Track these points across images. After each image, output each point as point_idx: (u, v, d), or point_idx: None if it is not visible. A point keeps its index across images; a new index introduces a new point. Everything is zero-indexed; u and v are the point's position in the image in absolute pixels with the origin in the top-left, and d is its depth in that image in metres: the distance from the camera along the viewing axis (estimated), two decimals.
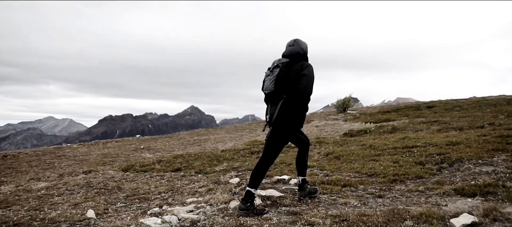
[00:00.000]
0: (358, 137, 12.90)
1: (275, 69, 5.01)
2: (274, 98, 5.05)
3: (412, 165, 7.04)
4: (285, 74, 4.94)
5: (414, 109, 20.55)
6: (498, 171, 6.04)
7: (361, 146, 9.86)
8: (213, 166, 9.18)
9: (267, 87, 5.06)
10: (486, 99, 21.61)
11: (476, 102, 20.52)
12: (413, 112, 19.31)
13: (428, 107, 20.89)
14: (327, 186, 5.92)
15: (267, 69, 5.17)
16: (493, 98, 22.42)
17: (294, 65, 5.00)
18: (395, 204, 4.92)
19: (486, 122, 12.55)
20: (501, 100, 19.68)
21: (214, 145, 14.07)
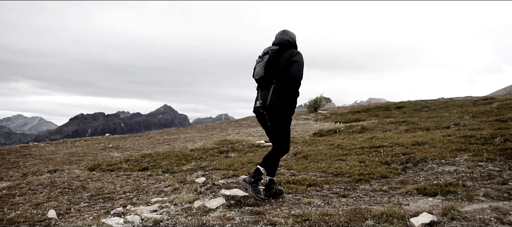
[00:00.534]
0: (327, 136, 12.98)
1: (265, 56, 5.20)
2: (264, 83, 5.22)
3: (378, 165, 7.12)
4: (275, 60, 5.11)
5: (384, 110, 20.82)
6: (460, 170, 6.15)
7: (329, 145, 9.92)
8: (181, 165, 9.11)
9: (258, 73, 5.24)
10: (453, 100, 22.04)
11: (443, 103, 20.91)
12: (383, 113, 19.55)
13: (397, 107, 21.19)
14: (293, 186, 5.93)
15: (258, 57, 5.35)
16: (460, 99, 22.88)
17: (284, 52, 5.19)
18: (358, 203, 4.96)
19: (452, 122, 12.79)
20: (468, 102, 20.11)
21: (184, 144, 13.97)
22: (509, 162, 6.38)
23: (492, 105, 17.10)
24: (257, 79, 5.30)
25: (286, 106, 5.18)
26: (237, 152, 10.62)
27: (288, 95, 5.17)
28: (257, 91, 5.40)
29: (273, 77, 5.15)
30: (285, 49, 5.23)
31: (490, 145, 7.63)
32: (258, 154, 9.90)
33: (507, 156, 6.71)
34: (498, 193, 4.85)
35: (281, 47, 5.24)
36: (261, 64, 5.22)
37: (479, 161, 6.60)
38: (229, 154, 10.45)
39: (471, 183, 5.40)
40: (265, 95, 5.15)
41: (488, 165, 6.30)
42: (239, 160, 8.87)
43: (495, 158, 6.67)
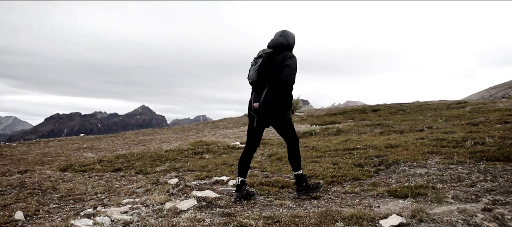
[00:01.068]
0: (303, 138, 13.01)
1: (259, 59, 5.27)
2: (257, 87, 5.31)
3: (351, 167, 7.16)
4: (267, 65, 5.19)
5: (360, 113, 20.97)
6: (430, 173, 6.23)
7: (304, 147, 9.94)
8: (155, 166, 9.03)
9: (251, 76, 5.32)
10: (428, 104, 22.31)
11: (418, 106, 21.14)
12: (359, 115, 19.69)
13: (373, 110, 21.36)
14: (265, 187, 5.93)
15: (253, 59, 5.40)
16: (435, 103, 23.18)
17: (277, 55, 5.23)
18: (330, 205, 4.97)
19: (425, 125, 12.94)
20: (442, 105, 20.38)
21: (159, 145, 13.86)
22: (478, 165, 6.48)
23: (465, 109, 17.36)
24: (251, 82, 5.38)
25: (281, 104, 5.27)
26: (212, 153, 10.58)
27: (281, 96, 5.24)
28: (251, 94, 5.48)
29: (266, 81, 5.23)
30: (279, 52, 5.27)
31: (461, 148, 7.75)
32: (233, 155, 9.87)
33: (477, 158, 6.83)
34: (466, 195, 4.92)
35: (275, 50, 5.29)
36: (254, 67, 5.28)
37: (450, 163, 6.69)
38: (204, 155, 10.40)
39: (441, 186, 5.48)
40: (258, 99, 5.25)
41: (458, 168, 6.39)
42: (214, 161, 8.84)
43: (465, 161, 6.77)
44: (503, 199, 4.63)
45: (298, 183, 5.52)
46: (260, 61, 5.24)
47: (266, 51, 5.32)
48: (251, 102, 5.39)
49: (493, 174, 5.84)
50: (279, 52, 5.27)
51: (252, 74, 5.29)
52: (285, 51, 5.30)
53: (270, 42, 5.41)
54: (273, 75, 5.20)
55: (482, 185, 5.37)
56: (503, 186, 5.22)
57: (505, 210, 4.15)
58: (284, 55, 5.23)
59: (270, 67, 5.20)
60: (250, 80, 5.38)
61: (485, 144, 7.91)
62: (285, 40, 5.35)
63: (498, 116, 12.78)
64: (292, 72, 5.15)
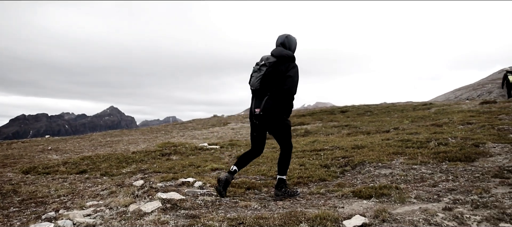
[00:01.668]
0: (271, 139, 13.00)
1: (263, 68, 5.36)
2: (259, 94, 5.44)
3: (318, 168, 7.20)
4: (271, 74, 5.30)
5: (328, 114, 21.13)
6: (395, 173, 6.32)
7: (271, 148, 9.97)
8: (121, 168, 8.89)
9: (253, 84, 5.43)
10: (395, 105, 22.65)
11: (386, 108, 21.44)
12: (327, 117, 19.83)
13: (341, 112, 21.56)
14: (231, 189, 5.88)
15: (255, 65, 5.51)
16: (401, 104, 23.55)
17: (281, 65, 5.33)
18: (295, 206, 4.97)
19: (392, 126, 13.14)
20: (408, 107, 20.71)
21: (126, 146, 13.68)
22: (441, 165, 6.61)
23: (430, 111, 17.69)
24: (253, 90, 5.51)
25: (281, 111, 5.42)
26: (179, 155, 10.48)
27: (282, 104, 5.39)
28: (251, 100, 5.63)
29: (268, 89, 5.36)
30: (282, 62, 5.36)
31: (425, 149, 7.89)
32: (200, 157, 9.80)
33: (440, 159, 6.97)
34: (428, 195, 5.01)
35: (279, 60, 5.36)
36: (257, 76, 5.38)
37: (414, 164, 6.80)
38: (171, 156, 10.30)
39: (405, 186, 5.56)
40: (259, 104, 5.40)
41: (422, 168, 6.51)
42: (181, 163, 8.76)
43: (428, 161, 6.90)
44: (463, 198, 4.73)
45: (278, 187, 5.53)
46: (264, 70, 5.34)
47: (270, 60, 5.38)
48: (252, 108, 5.53)
49: (454, 174, 5.96)
50: (282, 63, 5.37)
51: (255, 82, 5.39)
52: (288, 62, 5.40)
53: (275, 51, 5.50)
54: (275, 84, 5.33)
55: (444, 184, 5.48)
56: (464, 185, 5.33)
57: (464, 209, 4.23)
58: (287, 65, 5.35)
59: (273, 77, 5.32)
60: (252, 88, 5.49)
61: (448, 145, 8.08)
62: (289, 52, 5.47)
63: (461, 117, 13.06)
64: (294, 83, 5.32)
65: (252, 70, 5.55)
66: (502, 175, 5.68)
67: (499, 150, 7.43)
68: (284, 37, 5.59)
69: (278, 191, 5.50)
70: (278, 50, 5.46)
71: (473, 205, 4.40)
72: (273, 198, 5.48)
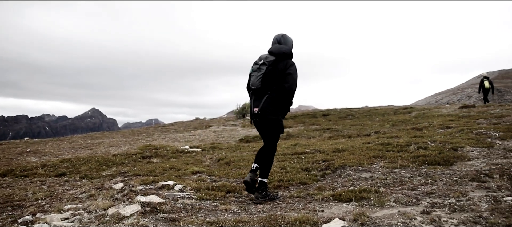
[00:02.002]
0: (252, 143, 13.05)
1: (262, 67, 5.43)
2: (259, 93, 5.50)
3: (298, 171, 7.21)
4: (271, 73, 5.36)
5: (310, 117, 21.23)
6: (375, 177, 6.36)
7: (253, 151, 9.97)
8: (101, 170, 8.80)
9: (254, 83, 5.50)
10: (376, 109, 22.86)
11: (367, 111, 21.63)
12: (309, 120, 19.93)
13: (323, 115, 21.68)
14: (211, 192, 5.86)
15: (254, 64, 5.59)
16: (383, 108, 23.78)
17: (279, 63, 5.41)
18: (275, 210, 4.98)
19: (373, 130, 13.24)
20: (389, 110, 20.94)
21: (107, 149, 13.56)
22: (420, 169, 6.68)
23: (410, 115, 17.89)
24: (254, 89, 5.55)
25: (279, 111, 5.53)
26: (160, 158, 10.43)
27: (281, 103, 5.49)
28: (250, 98, 5.71)
29: (268, 88, 5.42)
30: (281, 60, 5.44)
31: (405, 152, 7.96)
32: (181, 160, 9.76)
33: (419, 163, 7.03)
34: (407, 198, 5.05)
35: (277, 58, 5.44)
36: (258, 75, 5.45)
37: (394, 167, 6.86)
38: (152, 159, 10.24)
39: (384, 189, 5.60)
40: (258, 104, 5.47)
41: (401, 172, 6.56)
42: (161, 166, 8.70)
43: (408, 165, 6.96)
44: (441, 201, 4.77)
45: (259, 190, 5.54)
46: (264, 69, 5.40)
47: (269, 59, 5.45)
48: (252, 107, 5.62)
49: (433, 178, 6.02)
50: (281, 60, 5.44)
51: (256, 82, 5.46)
52: (287, 59, 5.49)
53: (272, 48, 5.55)
54: (275, 82, 5.41)
55: (422, 188, 5.53)
56: (442, 189, 5.38)
57: (442, 213, 4.27)
58: (285, 63, 5.43)
59: (273, 75, 5.38)
60: (253, 87, 5.55)
61: (427, 148, 8.16)
62: (287, 48, 5.56)
63: (441, 121, 13.24)
64: (294, 80, 5.41)
65: (251, 70, 5.63)
66: (479, 178, 5.75)
67: (477, 154, 7.53)
68: (280, 36, 5.68)
69: (258, 194, 5.49)
70: (277, 47, 5.54)
71: (450, 208, 4.44)
72: (253, 201, 5.47)
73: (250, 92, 5.77)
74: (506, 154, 7.34)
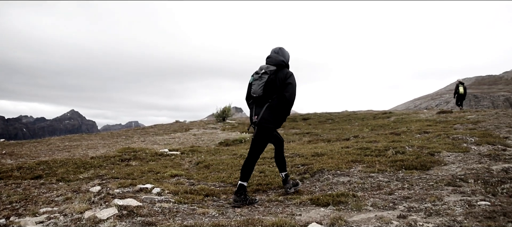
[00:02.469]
0: (232, 146, 13.04)
1: (264, 76, 5.64)
2: (260, 101, 5.71)
3: (277, 175, 7.22)
4: (273, 82, 5.58)
5: (290, 121, 21.28)
6: (353, 181, 6.41)
7: (232, 155, 9.96)
8: (78, 173, 8.68)
9: (255, 91, 5.68)
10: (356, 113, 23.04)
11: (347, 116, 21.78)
12: (289, 124, 19.97)
13: (303, 119, 21.76)
14: (190, 196, 5.84)
15: (255, 74, 5.81)
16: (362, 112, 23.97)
17: (279, 73, 5.66)
18: (253, 214, 4.98)
19: (352, 134, 13.33)
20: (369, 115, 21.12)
21: (85, 151, 13.38)
22: (398, 173, 6.75)
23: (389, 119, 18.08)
24: (255, 97, 5.73)
25: (276, 121, 5.73)
26: (139, 160, 10.34)
27: (280, 113, 5.69)
28: (250, 107, 5.92)
29: (269, 96, 5.63)
30: (280, 69, 5.69)
31: (383, 157, 8.03)
32: (160, 163, 9.69)
33: (397, 167, 7.11)
34: (384, 202, 5.10)
35: (278, 68, 5.69)
36: (259, 83, 5.64)
37: (371, 172, 6.92)
38: (131, 162, 10.15)
39: (362, 194, 5.64)
40: (259, 111, 5.67)
41: (379, 176, 6.62)
42: (140, 169, 8.63)
43: (386, 169, 7.02)
44: (418, 206, 4.83)
45: (237, 193, 5.59)
46: (266, 77, 5.60)
47: (271, 68, 5.66)
48: (252, 115, 5.79)
49: (410, 182, 6.09)
50: (280, 70, 5.70)
51: (258, 90, 5.64)
52: (285, 69, 5.76)
53: (271, 60, 5.79)
54: (276, 91, 5.62)
55: (399, 192, 5.59)
56: (418, 193, 5.45)
57: (418, 217, 4.33)
58: (285, 73, 5.68)
59: (274, 84, 5.60)
60: (255, 95, 5.71)
61: (405, 153, 8.25)
62: (284, 58, 5.84)
63: (418, 126, 13.40)
64: (294, 90, 5.65)
65: (251, 80, 5.83)
66: (454, 183, 5.83)
67: (453, 159, 7.64)
68: (278, 49, 5.93)
69: (237, 196, 5.55)
70: (275, 57, 5.80)
71: (426, 212, 4.50)
72: (231, 205, 5.52)
73: (249, 101, 5.94)
74: (481, 159, 7.47)
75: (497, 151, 8.10)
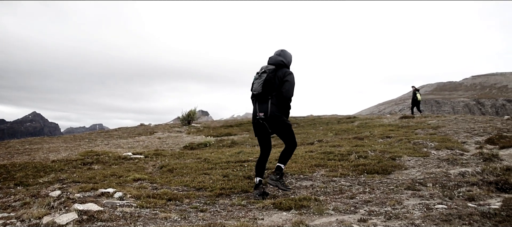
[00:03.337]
0: (197, 150, 12.98)
1: (263, 74, 6.08)
2: (261, 98, 6.11)
3: (241, 179, 7.23)
4: (272, 80, 5.99)
5: None
6: (315, 185, 6.48)
7: (197, 159, 9.91)
8: (38, 177, 8.49)
9: (256, 89, 6.12)
10: (320, 118, 23.27)
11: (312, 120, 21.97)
12: None
13: None
14: (152, 200, 5.77)
15: (256, 74, 6.24)
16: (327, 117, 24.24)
17: (278, 72, 6.10)
18: (215, 218, 4.96)
19: (316, 139, 13.46)
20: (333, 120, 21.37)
21: (46, 155, 13.09)
22: (359, 177, 6.86)
23: (353, 124, 18.33)
24: (256, 94, 6.15)
25: (283, 113, 6.12)
26: (101, 164, 10.18)
27: (281, 107, 6.09)
28: (253, 104, 6.30)
29: (269, 93, 6.03)
30: (280, 69, 6.13)
31: (346, 161, 8.16)
32: (123, 166, 9.55)
33: (359, 171, 7.23)
34: (346, 206, 5.17)
35: (277, 67, 6.13)
36: (259, 81, 6.08)
37: (334, 176, 7.01)
38: (93, 166, 9.98)
39: (324, 198, 5.71)
40: (265, 108, 6.05)
41: (341, 180, 6.72)
42: (102, 173, 8.49)
43: (348, 174, 7.14)
44: (378, 209, 4.92)
45: (275, 172, 6.20)
46: (265, 76, 6.03)
47: (269, 67, 6.12)
48: (256, 111, 6.19)
49: (371, 186, 6.21)
50: (280, 69, 6.13)
51: (258, 87, 6.08)
52: (285, 68, 6.18)
53: (271, 60, 6.24)
54: (275, 88, 6.02)
55: (361, 196, 5.68)
56: (379, 197, 5.55)
57: (378, 220, 4.40)
58: (284, 72, 6.11)
59: (273, 82, 6.00)
60: (255, 92, 6.16)
61: (367, 158, 8.40)
62: (284, 59, 6.24)
63: (381, 131, 13.63)
64: (291, 86, 6.04)
65: (253, 79, 6.26)
66: (414, 187, 5.97)
67: (413, 163, 7.82)
68: (280, 51, 6.35)
69: (273, 176, 6.18)
70: (274, 58, 6.23)
71: (386, 216, 4.59)
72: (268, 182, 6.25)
73: (253, 99, 6.32)
74: (439, 163, 7.67)
75: (455, 155, 8.33)
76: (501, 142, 9.51)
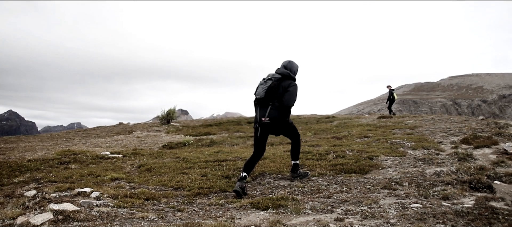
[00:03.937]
0: (175, 149, 12.91)
1: (268, 81, 6.45)
2: (263, 103, 6.46)
3: (219, 179, 7.23)
4: (275, 88, 6.37)
5: (235, 124, 21.30)
6: (293, 185, 6.52)
7: (175, 158, 9.87)
8: (13, 177, 8.34)
9: (259, 93, 6.48)
10: (300, 117, 23.35)
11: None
12: (233, 127, 20.00)
13: (248, 122, 21.82)
14: (129, 200, 5.73)
15: (262, 80, 6.61)
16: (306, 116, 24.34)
17: (283, 82, 6.46)
18: (193, 218, 4.96)
19: None
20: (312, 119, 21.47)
21: (22, 154, 12.87)
22: (337, 177, 6.92)
23: (332, 124, 18.44)
24: (258, 98, 6.49)
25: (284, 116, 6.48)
26: (79, 163, 10.05)
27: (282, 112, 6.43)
28: (255, 109, 6.65)
29: (270, 100, 6.38)
30: (285, 79, 6.48)
31: (324, 161, 8.21)
32: (101, 166, 9.45)
33: (336, 171, 7.29)
34: (323, 206, 5.22)
35: (283, 77, 6.48)
36: (264, 87, 6.43)
37: (312, 175, 7.05)
38: (70, 165, 9.85)
39: (301, 197, 5.75)
40: (264, 112, 6.40)
41: (319, 180, 6.77)
42: (79, 172, 8.39)
43: (326, 173, 7.19)
44: (354, 209, 4.98)
45: (293, 170, 6.97)
46: (270, 83, 6.39)
47: (276, 76, 6.48)
48: (258, 116, 6.49)
49: (348, 186, 6.27)
50: (285, 79, 6.48)
51: (261, 92, 6.42)
52: (290, 80, 6.52)
53: (279, 70, 6.60)
54: (277, 97, 6.37)
55: (338, 196, 5.74)
56: (356, 196, 5.62)
57: (354, 220, 4.46)
58: (288, 82, 6.46)
59: (276, 90, 6.36)
60: (258, 96, 6.50)
61: (345, 157, 8.47)
62: (290, 70, 6.62)
63: (359, 131, 13.76)
64: (291, 97, 6.39)
65: (258, 84, 6.61)
66: (390, 186, 6.06)
67: (390, 163, 7.92)
68: (287, 62, 6.71)
69: (293, 173, 6.95)
70: (282, 70, 6.57)
71: (362, 215, 4.65)
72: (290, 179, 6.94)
73: (255, 103, 6.64)
74: (416, 163, 7.78)
75: (431, 155, 8.46)
76: (475, 141, 9.69)
